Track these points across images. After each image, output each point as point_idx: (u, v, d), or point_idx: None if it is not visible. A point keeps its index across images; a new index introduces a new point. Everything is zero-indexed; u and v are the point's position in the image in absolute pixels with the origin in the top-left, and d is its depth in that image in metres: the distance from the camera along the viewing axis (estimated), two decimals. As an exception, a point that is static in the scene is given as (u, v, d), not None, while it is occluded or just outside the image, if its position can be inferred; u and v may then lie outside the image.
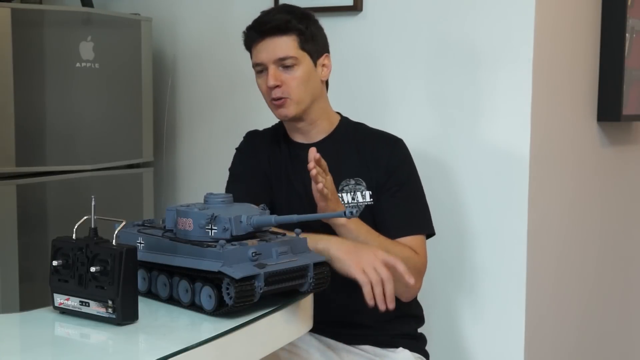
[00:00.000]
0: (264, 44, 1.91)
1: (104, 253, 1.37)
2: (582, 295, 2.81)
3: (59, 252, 1.46)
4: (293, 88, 1.92)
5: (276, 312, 1.46)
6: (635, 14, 2.81)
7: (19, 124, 2.46)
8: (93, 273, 1.37)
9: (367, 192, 1.95)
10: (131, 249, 1.38)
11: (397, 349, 1.97)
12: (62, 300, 1.44)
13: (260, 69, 1.94)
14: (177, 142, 3.04)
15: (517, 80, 2.36)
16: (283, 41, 1.91)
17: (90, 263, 1.39)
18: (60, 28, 2.58)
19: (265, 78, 1.92)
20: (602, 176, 2.89)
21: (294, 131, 2.02)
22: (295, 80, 1.91)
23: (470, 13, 2.42)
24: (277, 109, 1.95)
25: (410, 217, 1.96)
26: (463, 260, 2.46)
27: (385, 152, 1.98)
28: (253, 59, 1.95)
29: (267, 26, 1.92)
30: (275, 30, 1.91)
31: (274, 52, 1.91)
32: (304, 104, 1.94)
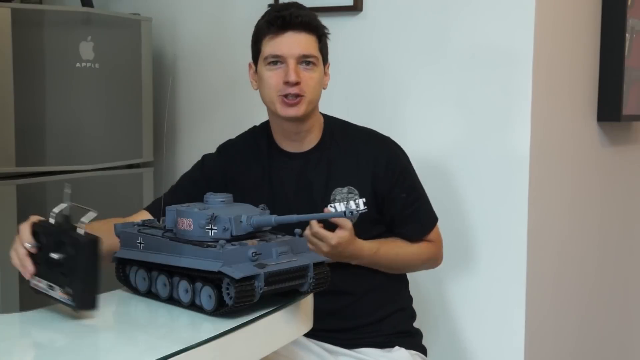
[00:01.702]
0: (287, 37, 1.84)
1: (68, 241, 1.39)
2: (582, 294, 2.81)
3: (35, 235, 1.48)
4: (310, 87, 1.86)
5: (276, 312, 1.46)
6: (635, 14, 2.81)
7: (19, 124, 2.45)
8: (57, 260, 1.40)
9: (361, 200, 1.91)
10: (94, 240, 1.38)
11: (393, 348, 1.97)
12: (36, 282, 1.46)
13: (275, 62, 1.85)
14: (177, 142, 3.04)
15: (517, 80, 2.36)
16: (308, 38, 1.86)
17: (55, 249, 1.41)
18: (60, 28, 2.58)
19: (280, 72, 1.84)
20: (602, 176, 2.89)
21: (286, 137, 1.94)
22: (313, 80, 1.86)
23: (470, 13, 2.42)
24: (287, 106, 1.85)
25: (423, 217, 2.00)
26: (463, 259, 2.46)
27: (385, 159, 1.94)
28: (268, 50, 1.85)
29: (297, 19, 1.84)
30: (304, 25, 1.85)
31: (298, 48, 1.84)
32: (312, 106, 1.89)
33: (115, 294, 1.60)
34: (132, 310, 1.53)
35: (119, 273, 1.60)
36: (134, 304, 1.54)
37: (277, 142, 1.97)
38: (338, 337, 1.95)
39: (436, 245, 2.03)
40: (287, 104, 1.85)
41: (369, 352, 1.95)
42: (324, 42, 1.91)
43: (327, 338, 1.93)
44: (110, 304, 1.57)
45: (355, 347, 1.95)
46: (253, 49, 1.93)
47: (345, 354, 1.94)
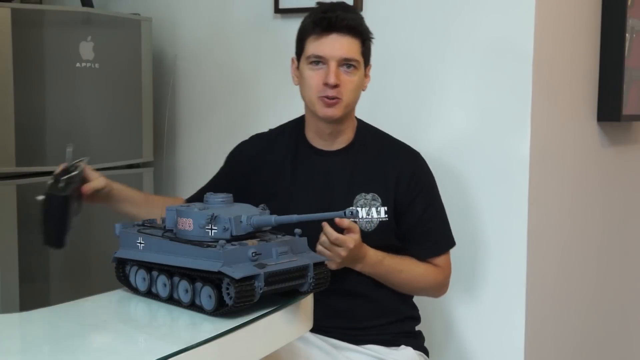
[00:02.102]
0: (331, 39, 1.86)
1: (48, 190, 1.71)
2: (583, 295, 2.81)
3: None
4: (348, 91, 1.88)
5: (276, 312, 1.46)
6: (635, 14, 2.81)
7: (19, 124, 2.45)
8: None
9: (382, 209, 1.94)
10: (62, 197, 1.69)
11: (400, 347, 1.98)
12: None
13: (317, 62, 1.87)
14: (177, 142, 3.04)
15: (517, 80, 2.35)
16: (351, 42, 1.87)
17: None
18: (60, 28, 2.58)
19: (322, 72, 1.87)
20: (602, 176, 2.89)
21: (318, 136, 1.97)
22: (352, 84, 1.89)
23: (470, 13, 2.42)
24: (325, 107, 1.88)
25: (437, 239, 2.00)
26: (463, 260, 2.46)
27: (410, 172, 1.97)
28: (311, 49, 1.87)
29: (342, 22, 1.86)
30: (348, 29, 1.87)
31: (340, 50, 1.86)
32: (348, 109, 1.92)
33: (115, 294, 1.60)
34: (132, 310, 1.53)
35: (119, 273, 1.60)
36: (134, 304, 1.54)
37: (308, 138, 2.00)
38: (345, 332, 1.96)
39: (443, 273, 2.01)
40: (327, 105, 1.88)
41: (375, 349, 1.96)
42: (367, 46, 1.94)
43: (333, 334, 1.94)
44: (110, 304, 1.57)
45: (361, 344, 1.96)
46: (297, 46, 1.96)
47: (351, 349, 1.95)
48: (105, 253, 1.69)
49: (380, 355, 1.95)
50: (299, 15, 2.67)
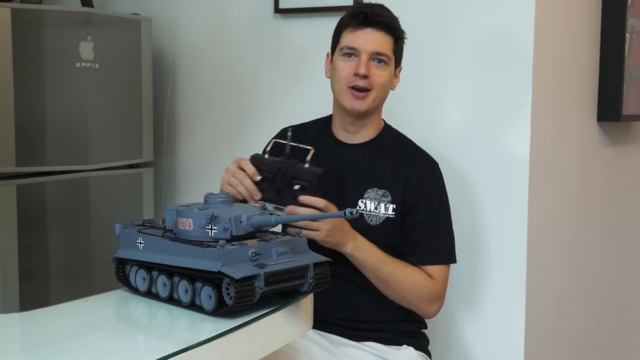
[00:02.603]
0: (365, 32, 1.93)
1: (302, 173, 1.78)
2: (582, 295, 2.81)
3: (259, 169, 1.82)
4: (378, 85, 1.93)
5: (276, 312, 1.46)
6: (635, 14, 2.81)
7: (19, 124, 2.46)
8: (296, 189, 1.77)
9: (391, 206, 1.96)
10: (323, 172, 1.78)
11: (402, 346, 1.99)
12: (257, 205, 1.69)
13: (350, 54, 1.93)
14: (177, 142, 3.04)
15: (517, 80, 2.35)
16: (384, 37, 1.94)
17: (286, 180, 1.78)
18: (60, 28, 2.59)
19: (353, 64, 1.92)
20: (602, 176, 2.89)
21: (341, 127, 2.02)
22: (382, 78, 1.94)
23: (470, 13, 2.42)
24: (354, 99, 1.93)
25: (435, 247, 1.99)
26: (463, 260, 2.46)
27: (420, 175, 1.99)
28: (345, 41, 1.94)
29: (378, 18, 1.93)
30: (383, 25, 1.94)
31: (372, 44, 1.92)
32: (376, 103, 1.96)
33: (115, 294, 1.60)
34: (132, 310, 1.53)
35: (119, 273, 1.60)
36: (134, 304, 1.54)
37: (333, 131, 2.05)
38: (346, 327, 1.97)
39: (435, 285, 1.96)
40: (354, 96, 1.93)
41: (376, 347, 1.96)
42: (399, 45, 2.00)
43: (334, 328, 1.95)
44: (110, 304, 1.57)
45: (360, 340, 1.96)
46: (333, 40, 2.02)
47: (351, 345, 1.95)
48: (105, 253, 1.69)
49: (380, 353, 1.96)
50: (299, 15, 2.69)
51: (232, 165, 1.84)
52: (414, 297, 1.95)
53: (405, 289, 1.94)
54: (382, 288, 1.94)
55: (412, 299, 1.95)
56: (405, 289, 1.94)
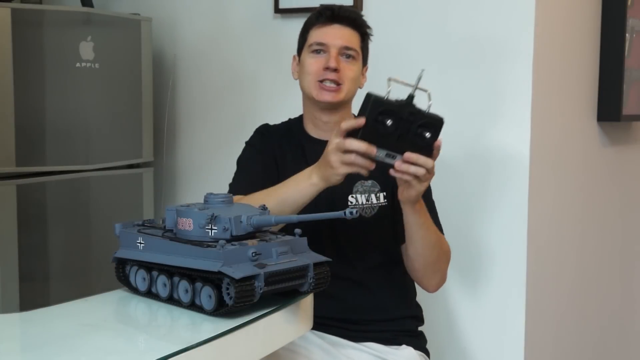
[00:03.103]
0: (334, 28, 1.95)
1: (433, 121, 1.68)
2: (582, 295, 2.81)
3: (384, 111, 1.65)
4: (348, 77, 1.94)
5: (276, 312, 1.45)
6: (635, 14, 2.81)
7: (19, 124, 2.46)
8: (425, 137, 1.67)
9: (382, 194, 1.97)
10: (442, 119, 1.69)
11: (401, 346, 1.99)
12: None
13: (319, 50, 1.95)
14: (177, 142, 3.04)
15: (517, 80, 2.36)
16: (352, 33, 1.97)
17: (420, 127, 1.66)
18: (60, 28, 2.59)
19: (322, 59, 1.93)
20: (602, 176, 2.89)
21: (315, 126, 2.01)
22: (351, 72, 1.95)
23: (470, 13, 2.43)
24: (323, 91, 1.93)
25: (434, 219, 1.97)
26: (463, 260, 2.46)
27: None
28: (313, 38, 1.96)
29: (345, 13, 1.96)
30: (349, 21, 1.96)
31: (342, 39, 1.94)
32: (347, 97, 1.97)
33: (115, 294, 1.60)
34: (132, 310, 1.53)
35: (119, 273, 1.60)
36: (134, 304, 1.54)
37: (307, 130, 2.04)
38: (345, 327, 1.96)
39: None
40: (323, 89, 1.94)
41: (375, 347, 1.96)
42: (366, 41, 2.02)
43: (333, 328, 1.95)
44: (110, 304, 1.57)
45: (360, 341, 1.96)
46: (299, 41, 2.03)
47: (350, 346, 1.95)
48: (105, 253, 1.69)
49: (380, 353, 1.96)
50: (299, 15, 2.68)
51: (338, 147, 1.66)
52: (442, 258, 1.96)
53: (439, 251, 1.94)
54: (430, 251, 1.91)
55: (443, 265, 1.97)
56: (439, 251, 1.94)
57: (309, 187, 1.74)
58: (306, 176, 1.75)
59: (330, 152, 1.67)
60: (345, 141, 1.64)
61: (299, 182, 1.76)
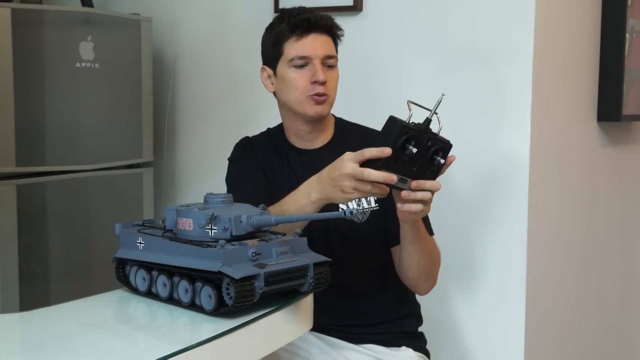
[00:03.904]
0: (312, 38, 1.90)
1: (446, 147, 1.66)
2: (583, 295, 2.81)
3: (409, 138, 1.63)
4: (333, 87, 1.93)
5: (276, 312, 1.45)
6: (635, 14, 2.81)
7: (19, 124, 2.46)
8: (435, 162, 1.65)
9: (372, 198, 1.93)
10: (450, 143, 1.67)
11: (401, 347, 1.99)
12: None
13: (302, 64, 1.90)
14: (177, 142, 3.04)
15: (517, 80, 2.36)
16: (329, 40, 1.93)
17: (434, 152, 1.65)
18: (60, 28, 2.59)
19: (307, 73, 1.90)
20: (602, 176, 2.89)
21: (299, 137, 1.99)
22: (334, 81, 1.94)
23: (470, 13, 2.42)
24: (315, 104, 1.90)
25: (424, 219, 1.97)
26: (463, 260, 2.46)
27: None
28: (293, 52, 1.90)
29: (321, 22, 1.91)
30: (326, 29, 1.92)
31: (321, 49, 1.90)
32: (332, 105, 1.95)
33: (115, 294, 1.60)
34: (132, 310, 1.53)
35: (119, 273, 1.60)
36: (134, 304, 1.54)
37: (290, 141, 2.01)
38: (344, 330, 1.96)
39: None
40: (317, 102, 1.90)
41: (375, 349, 1.96)
42: (338, 44, 1.99)
43: (333, 331, 1.95)
44: (110, 304, 1.57)
45: (360, 343, 1.96)
46: (270, 52, 1.98)
47: (350, 348, 1.95)
48: (105, 253, 1.69)
49: (379, 355, 1.96)
50: (299, 15, 2.68)
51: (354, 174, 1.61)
52: (437, 267, 1.97)
53: (437, 259, 1.96)
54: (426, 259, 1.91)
55: (436, 270, 1.97)
56: (437, 259, 1.96)
57: (308, 205, 1.70)
58: (304, 194, 1.72)
59: (345, 177, 1.61)
60: (364, 171, 1.59)
61: (298, 200, 1.73)
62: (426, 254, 1.90)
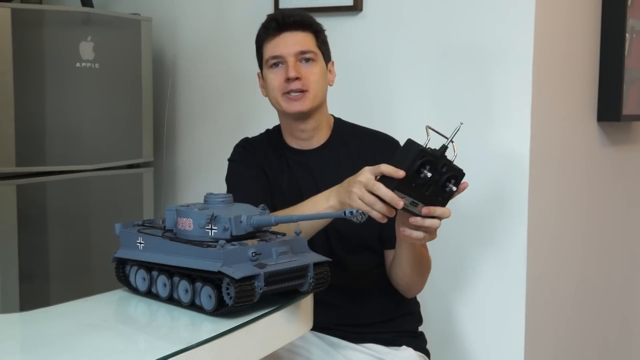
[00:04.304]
0: (284, 37, 1.91)
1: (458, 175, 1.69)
2: (582, 295, 2.81)
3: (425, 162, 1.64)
4: (312, 82, 1.91)
5: (276, 312, 1.46)
6: (635, 14, 2.81)
7: (19, 124, 2.46)
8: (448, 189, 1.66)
9: None
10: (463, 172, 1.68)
11: (401, 347, 1.99)
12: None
13: (276, 62, 1.91)
14: (177, 142, 3.04)
15: (517, 80, 2.36)
16: (304, 36, 1.92)
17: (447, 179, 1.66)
18: (60, 28, 2.59)
19: (281, 72, 1.90)
20: (602, 176, 2.89)
21: (294, 137, 1.99)
22: (314, 75, 1.92)
23: (470, 13, 2.42)
24: (291, 101, 1.90)
25: None
26: (463, 260, 2.46)
27: (387, 156, 1.96)
28: (268, 53, 1.92)
29: (290, 20, 1.91)
30: (297, 25, 1.92)
31: (294, 46, 1.90)
32: (317, 100, 1.93)
33: (115, 294, 1.60)
34: (132, 310, 1.53)
35: (119, 273, 1.60)
36: (134, 304, 1.54)
37: (287, 142, 2.01)
38: (344, 330, 1.97)
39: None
40: (292, 100, 1.90)
41: (375, 348, 1.97)
42: (321, 38, 1.96)
43: (333, 331, 1.95)
44: (110, 304, 1.57)
45: (361, 342, 1.96)
46: (258, 58, 1.99)
47: (350, 347, 1.95)
48: (105, 253, 1.69)
49: (379, 354, 1.96)
50: (299, 15, 2.68)
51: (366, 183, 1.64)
52: (427, 275, 1.99)
53: (428, 268, 1.98)
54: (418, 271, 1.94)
55: (425, 278, 1.99)
56: (428, 268, 1.98)
57: (327, 210, 1.72)
58: (324, 198, 1.74)
59: (356, 184, 1.64)
60: (375, 184, 1.61)
61: (317, 204, 1.74)
62: (419, 265, 1.93)
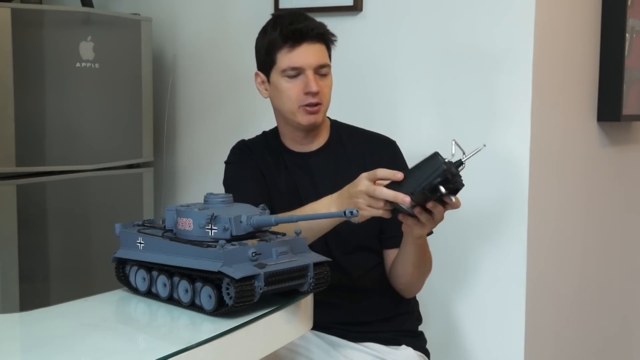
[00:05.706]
0: (305, 48, 1.89)
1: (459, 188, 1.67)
2: (582, 295, 2.81)
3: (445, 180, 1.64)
4: (326, 95, 1.93)
5: (276, 312, 1.46)
6: (635, 14, 2.81)
7: (19, 124, 2.46)
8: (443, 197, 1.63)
9: None
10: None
11: (400, 346, 1.99)
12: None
13: (295, 74, 1.90)
14: (177, 142, 3.04)
15: (517, 80, 2.36)
16: (321, 48, 1.92)
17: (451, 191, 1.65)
18: (60, 28, 2.59)
19: (300, 83, 1.90)
20: (602, 176, 2.89)
21: (295, 141, 2.00)
22: (328, 88, 1.93)
23: (470, 14, 2.42)
24: (309, 114, 1.91)
25: None
26: (463, 260, 2.46)
27: (386, 157, 1.98)
28: (286, 62, 1.90)
29: (313, 32, 1.90)
30: (318, 37, 1.91)
31: (315, 58, 1.89)
32: (326, 112, 1.96)
33: (115, 294, 1.60)
34: (132, 310, 1.53)
35: (119, 273, 1.60)
36: (134, 304, 1.54)
37: (286, 145, 2.02)
38: (344, 329, 1.97)
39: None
40: (310, 112, 1.91)
41: (375, 347, 1.97)
42: (331, 49, 1.98)
43: (333, 330, 1.95)
44: (110, 304, 1.57)
45: (361, 341, 1.97)
46: (264, 60, 1.96)
47: (350, 346, 1.96)
48: (105, 253, 1.69)
49: (379, 354, 1.96)
50: (299, 15, 2.68)
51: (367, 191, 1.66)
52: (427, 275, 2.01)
53: (429, 268, 1.99)
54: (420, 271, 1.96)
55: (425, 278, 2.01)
56: (429, 268, 1.99)
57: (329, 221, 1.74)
58: (325, 207, 1.74)
59: (359, 194, 1.66)
60: (376, 189, 1.63)
61: (317, 212, 1.75)
62: (420, 264, 1.94)
